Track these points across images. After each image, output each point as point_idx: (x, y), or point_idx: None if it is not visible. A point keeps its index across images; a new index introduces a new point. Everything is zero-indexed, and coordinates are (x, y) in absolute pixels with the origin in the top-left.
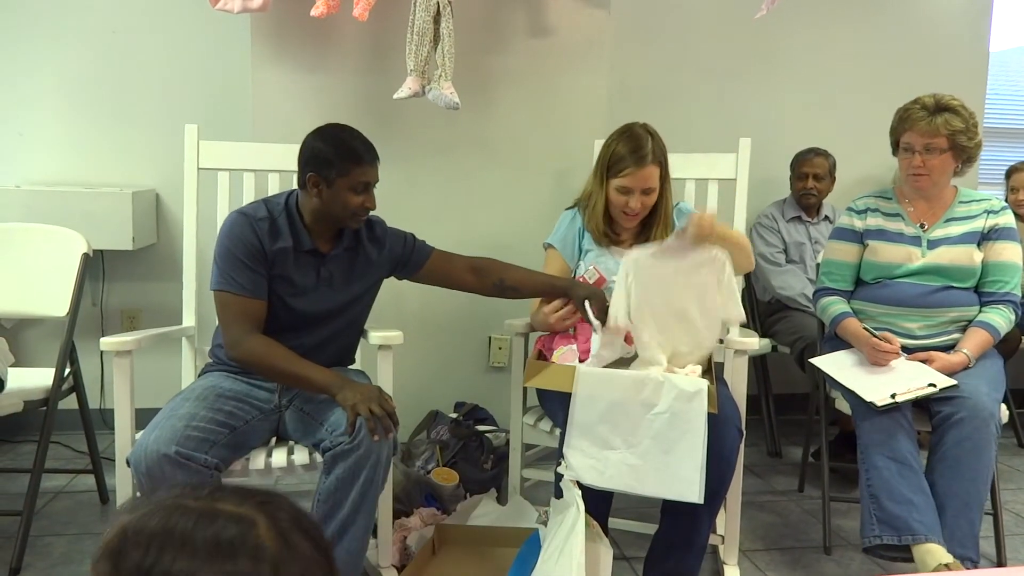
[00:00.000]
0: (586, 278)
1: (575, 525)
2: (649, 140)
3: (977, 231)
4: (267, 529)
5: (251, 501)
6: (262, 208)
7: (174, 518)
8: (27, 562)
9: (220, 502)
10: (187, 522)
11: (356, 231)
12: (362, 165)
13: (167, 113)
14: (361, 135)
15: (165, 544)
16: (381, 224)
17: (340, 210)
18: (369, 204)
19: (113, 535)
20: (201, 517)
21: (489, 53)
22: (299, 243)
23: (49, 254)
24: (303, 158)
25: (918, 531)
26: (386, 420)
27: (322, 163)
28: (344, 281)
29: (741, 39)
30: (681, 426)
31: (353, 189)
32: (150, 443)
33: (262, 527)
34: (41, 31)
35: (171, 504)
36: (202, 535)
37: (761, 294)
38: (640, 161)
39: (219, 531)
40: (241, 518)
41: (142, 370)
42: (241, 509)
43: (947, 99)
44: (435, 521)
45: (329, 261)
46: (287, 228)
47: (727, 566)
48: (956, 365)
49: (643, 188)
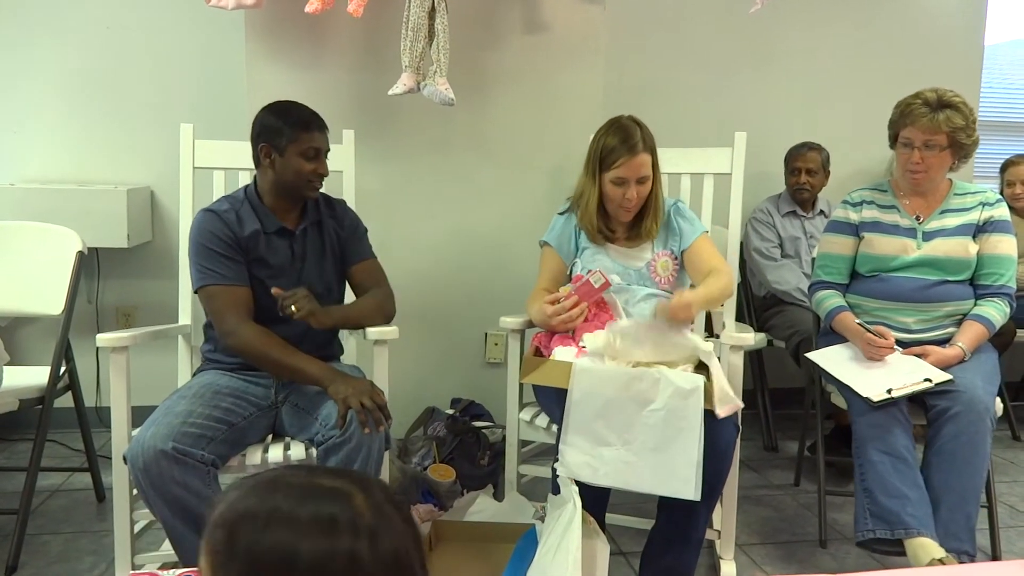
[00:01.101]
0: (592, 282)
1: (572, 521)
2: (638, 130)
3: (972, 223)
4: (363, 502)
5: (347, 477)
6: (224, 202)
7: (279, 495)
8: (23, 560)
9: (319, 478)
10: (290, 498)
11: (317, 206)
12: (310, 131)
13: (161, 110)
14: (307, 106)
15: (271, 519)
16: (342, 204)
17: (293, 177)
18: (321, 170)
19: (224, 510)
20: (303, 492)
21: (484, 49)
22: (266, 225)
23: (44, 252)
24: (254, 133)
25: (911, 525)
26: (377, 413)
27: (272, 133)
28: (318, 256)
29: (736, 34)
30: (677, 423)
31: (304, 155)
32: (147, 439)
33: (359, 500)
34: (35, 28)
35: (272, 480)
36: (306, 510)
37: (756, 289)
38: (632, 149)
39: (320, 505)
40: (339, 492)
41: (138, 368)
42: (338, 483)
43: (949, 95)
44: (432, 517)
45: (299, 238)
46: (251, 214)
47: (723, 560)
48: (951, 359)
49: (638, 177)
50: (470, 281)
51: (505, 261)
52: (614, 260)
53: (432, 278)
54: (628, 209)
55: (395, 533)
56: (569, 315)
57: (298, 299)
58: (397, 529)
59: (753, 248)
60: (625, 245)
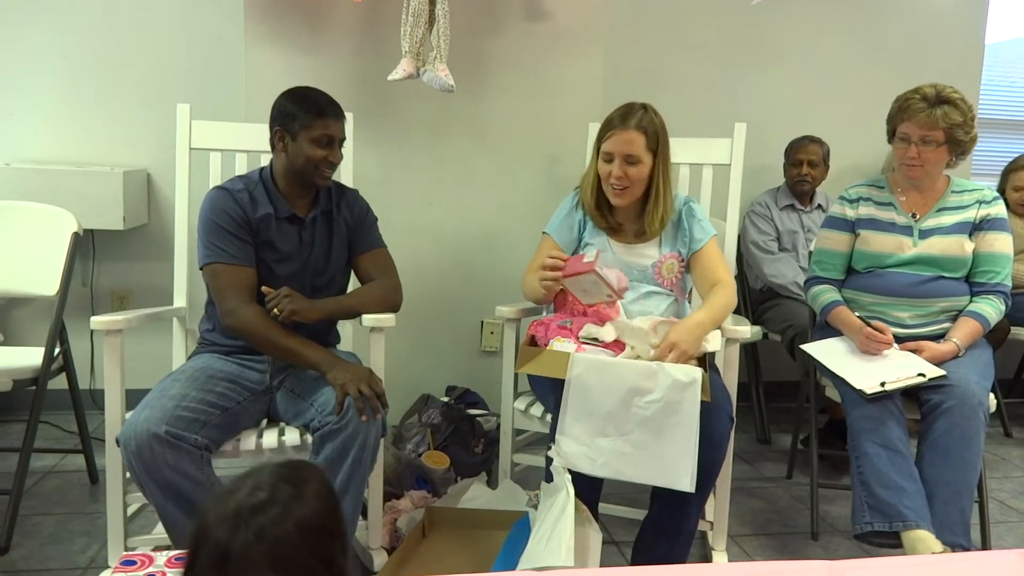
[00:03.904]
0: (584, 256)
1: (565, 509)
2: (641, 111)
3: (969, 221)
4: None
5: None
6: (239, 182)
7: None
8: (16, 541)
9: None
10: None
11: (329, 195)
12: (324, 118)
13: (159, 92)
14: (327, 94)
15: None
16: (354, 193)
17: (304, 163)
18: (333, 158)
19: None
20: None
21: (484, 36)
22: (278, 210)
23: (39, 233)
24: (271, 117)
25: (908, 518)
26: (374, 400)
27: (287, 118)
28: (325, 245)
29: (737, 26)
30: (674, 414)
31: (316, 142)
32: (140, 423)
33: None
34: (31, 9)
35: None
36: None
37: (753, 282)
38: (623, 123)
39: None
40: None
41: (132, 351)
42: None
43: (948, 91)
44: (425, 504)
45: (308, 225)
46: (264, 197)
47: (715, 551)
48: (946, 354)
49: (624, 154)
50: (467, 269)
51: (502, 249)
52: (617, 256)
53: (429, 265)
54: (617, 192)
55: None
56: (552, 274)
57: (279, 301)
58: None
59: (750, 241)
60: (631, 241)
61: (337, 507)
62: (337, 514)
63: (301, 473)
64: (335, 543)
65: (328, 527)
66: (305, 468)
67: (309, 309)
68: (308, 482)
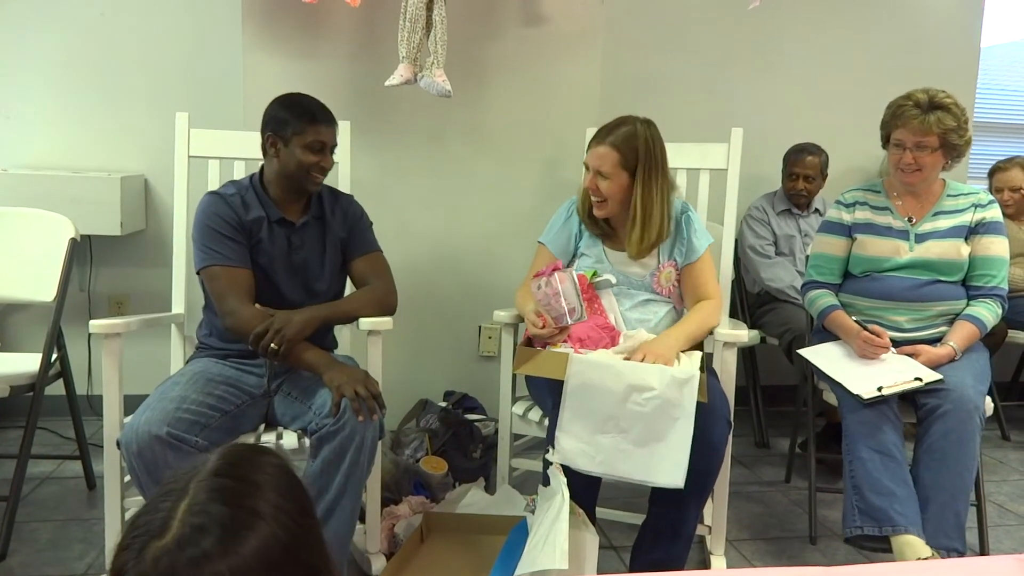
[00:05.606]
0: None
1: (560, 512)
2: (627, 127)
3: (965, 225)
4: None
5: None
6: (231, 187)
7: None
8: (13, 548)
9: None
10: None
11: (322, 201)
12: (316, 124)
13: (156, 98)
14: (318, 100)
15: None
16: (348, 198)
17: (296, 168)
18: (324, 164)
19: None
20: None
21: (482, 41)
22: (269, 214)
23: (36, 238)
24: (263, 123)
25: (898, 523)
26: (371, 401)
27: (279, 124)
28: (317, 250)
29: (734, 30)
30: (672, 412)
31: (308, 148)
32: (141, 424)
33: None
34: (29, 14)
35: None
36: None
37: (750, 286)
38: (601, 135)
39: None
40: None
41: (130, 356)
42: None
43: (940, 96)
44: (423, 509)
45: (299, 231)
46: (255, 201)
47: (714, 556)
48: (942, 358)
49: (595, 168)
50: (464, 273)
51: (500, 254)
52: (614, 267)
53: (426, 270)
54: (595, 203)
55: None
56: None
57: (271, 337)
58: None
59: (748, 245)
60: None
61: (303, 507)
62: (303, 522)
63: (245, 490)
64: (301, 568)
65: (287, 555)
66: (252, 477)
67: (302, 328)
68: (256, 499)
